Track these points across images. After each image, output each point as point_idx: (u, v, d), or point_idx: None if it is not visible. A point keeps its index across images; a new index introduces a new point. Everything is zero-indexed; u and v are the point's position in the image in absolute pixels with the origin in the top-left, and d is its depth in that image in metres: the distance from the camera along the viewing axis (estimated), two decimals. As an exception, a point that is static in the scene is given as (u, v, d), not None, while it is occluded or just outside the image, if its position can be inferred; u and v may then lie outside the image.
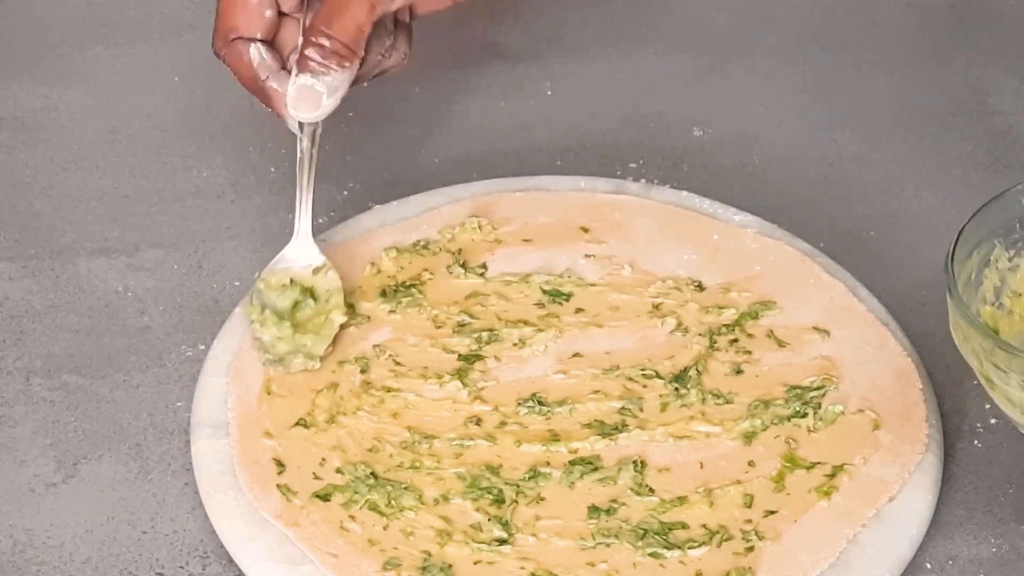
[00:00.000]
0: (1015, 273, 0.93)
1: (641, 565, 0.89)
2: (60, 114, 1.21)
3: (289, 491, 0.93)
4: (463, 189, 1.12)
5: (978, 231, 0.91)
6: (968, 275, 0.91)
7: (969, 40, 1.28)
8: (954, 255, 0.90)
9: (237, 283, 1.07)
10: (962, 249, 0.90)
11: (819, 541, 0.90)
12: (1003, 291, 0.93)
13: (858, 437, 0.95)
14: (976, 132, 1.19)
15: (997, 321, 0.92)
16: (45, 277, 1.08)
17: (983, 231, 0.92)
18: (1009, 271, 0.93)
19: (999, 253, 0.93)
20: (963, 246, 0.90)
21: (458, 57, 1.27)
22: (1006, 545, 0.93)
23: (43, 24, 1.30)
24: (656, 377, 0.99)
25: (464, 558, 0.89)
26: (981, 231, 0.92)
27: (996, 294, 0.93)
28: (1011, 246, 0.93)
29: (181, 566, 0.92)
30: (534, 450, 0.95)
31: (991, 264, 0.93)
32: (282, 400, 0.98)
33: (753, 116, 1.21)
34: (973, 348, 0.87)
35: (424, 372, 0.99)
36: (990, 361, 0.86)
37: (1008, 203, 0.93)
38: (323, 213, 1.13)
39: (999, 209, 0.93)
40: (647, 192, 1.12)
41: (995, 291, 0.93)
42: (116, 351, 1.03)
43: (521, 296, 1.04)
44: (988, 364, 0.86)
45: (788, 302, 1.03)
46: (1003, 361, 0.85)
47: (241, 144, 1.19)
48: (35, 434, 0.99)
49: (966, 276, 0.91)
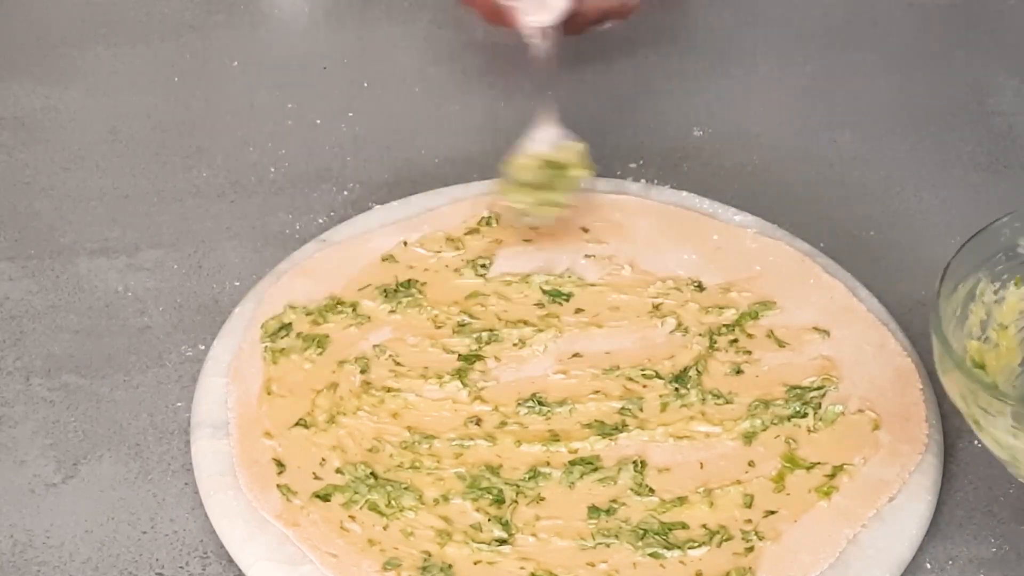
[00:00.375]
0: (1000, 306, 0.93)
1: (641, 565, 0.89)
2: (60, 114, 1.21)
3: (289, 491, 0.93)
4: (463, 189, 1.12)
5: (963, 265, 0.90)
6: (954, 310, 0.90)
7: (969, 40, 1.28)
8: (940, 292, 0.88)
9: (237, 283, 1.08)
10: (947, 285, 0.89)
11: (819, 541, 0.90)
12: (989, 324, 0.92)
13: (858, 437, 0.95)
14: (976, 132, 1.19)
15: (983, 356, 0.91)
16: (45, 277, 1.08)
17: (968, 265, 0.91)
18: (995, 304, 0.92)
19: (984, 287, 0.92)
20: (948, 281, 0.89)
21: (458, 57, 1.27)
22: (1006, 545, 0.93)
23: (43, 24, 1.30)
24: (656, 377, 0.99)
25: (464, 558, 0.89)
26: (966, 265, 0.91)
27: (982, 328, 0.92)
28: (996, 278, 0.92)
29: (181, 566, 0.92)
30: (534, 450, 0.95)
31: (976, 298, 0.92)
32: (282, 400, 0.98)
33: (753, 116, 1.21)
34: (960, 391, 0.86)
35: (424, 372, 0.99)
36: (976, 404, 0.85)
37: (992, 236, 0.92)
38: (323, 213, 1.13)
39: (984, 243, 0.91)
40: (647, 192, 1.12)
41: (981, 325, 0.92)
42: (116, 351, 1.03)
43: (521, 296, 1.04)
44: (975, 407, 0.85)
45: (788, 302, 1.03)
46: (987, 404, 0.84)
47: (241, 144, 1.19)
48: (35, 434, 0.99)
49: (951, 311, 0.89)
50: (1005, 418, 0.84)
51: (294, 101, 1.23)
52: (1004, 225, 0.92)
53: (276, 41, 1.30)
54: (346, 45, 1.29)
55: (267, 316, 1.02)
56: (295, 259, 1.07)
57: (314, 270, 1.05)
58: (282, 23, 1.32)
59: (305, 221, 1.12)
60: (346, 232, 1.08)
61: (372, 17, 1.32)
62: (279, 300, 1.03)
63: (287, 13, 1.33)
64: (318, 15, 1.32)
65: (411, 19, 1.31)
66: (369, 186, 1.15)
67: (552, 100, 1.07)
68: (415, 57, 1.28)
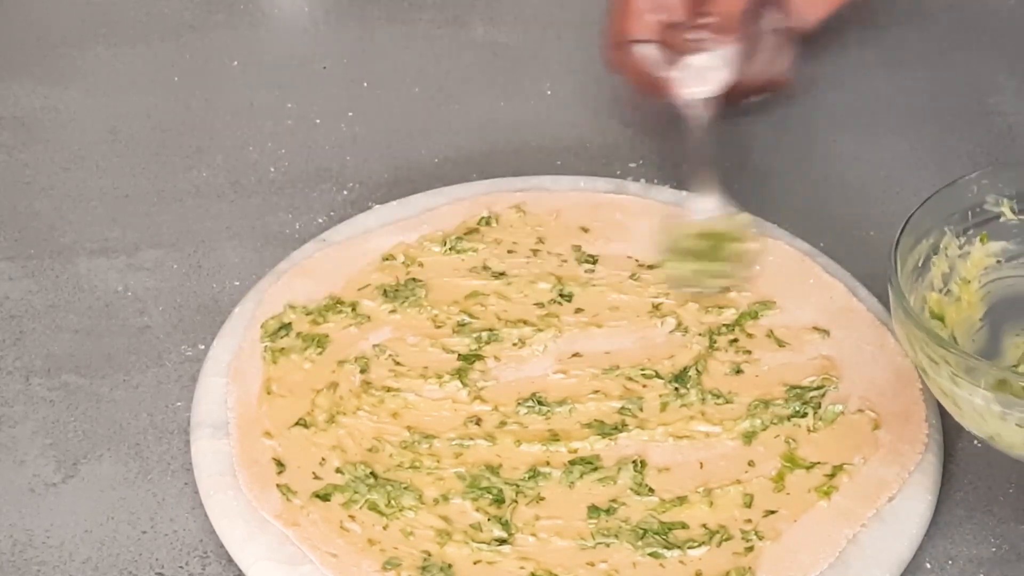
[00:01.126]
0: (965, 260, 0.93)
1: (641, 565, 0.89)
2: (60, 114, 1.21)
3: (289, 491, 0.93)
4: (463, 189, 1.12)
5: (927, 219, 0.91)
6: (916, 262, 0.91)
7: (969, 40, 1.28)
8: (899, 243, 0.90)
9: (237, 283, 1.08)
10: (909, 236, 0.90)
11: (819, 541, 0.90)
12: (952, 278, 0.93)
13: (858, 437, 0.95)
14: (976, 132, 1.19)
15: (943, 308, 0.93)
16: (45, 277, 1.08)
17: (933, 219, 0.92)
18: (959, 258, 0.93)
19: (949, 240, 0.93)
20: (910, 233, 0.90)
21: (458, 57, 1.27)
22: (1006, 545, 0.93)
23: (43, 24, 1.30)
24: (656, 377, 0.99)
25: (464, 558, 0.89)
26: (931, 219, 0.92)
27: (944, 281, 0.93)
28: (962, 234, 0.93)
29: (181, 566, 0.92)
30: (534, 450, 0.95)
31: (940, 251, 0.93)
32: (282, 400, 0.98)
33: (753, 116, 1.21)
34: (908, 338, 0.87)
35: (424, 372, 0.99)
36: (923, 352, 0.86)
37: (959, 191, 0.93)
38: (323, 213, 1.13)
39: (950, 197, 0.93)
40: (647, 192, 1.12)
41: (943, 278, 0.93)
42: (116, 351, 1.03)
43: (521, 296, 1.04)
44: (921, 354, 0.87)
45: (788, 302, 1.03)
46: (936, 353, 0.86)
47: (241, 144, 1.19)
48: (35, 434, 0.99)
49: (913, 263, 0.91)
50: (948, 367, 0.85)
51: (294, 101, 1.23)
52: (972, 181, 0.93)
53: (276, 41, 1.30)
54: (346, 45, 1.29)
55: (267, 316, 1.02)
56: (295, 259, 1.07)
57: (314, 270, 1.05)
58: (282, 23, 1.32)
59: (305, 221, 1.12)
60: (346, 232, 1.08)
61: (372, 17, 1.32)
62: (279, 300, 1.03)
63: (287, 13, 1.33)
64: (318, 15, 1.32)
65: (411, 19, 1.31)
66: (369, 186, 1.15)
67: (712, 169, 1.05)
68: (415, 57, 1.28)
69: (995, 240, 0.94)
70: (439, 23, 1.31)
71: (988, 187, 0.93)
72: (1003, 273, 0.95)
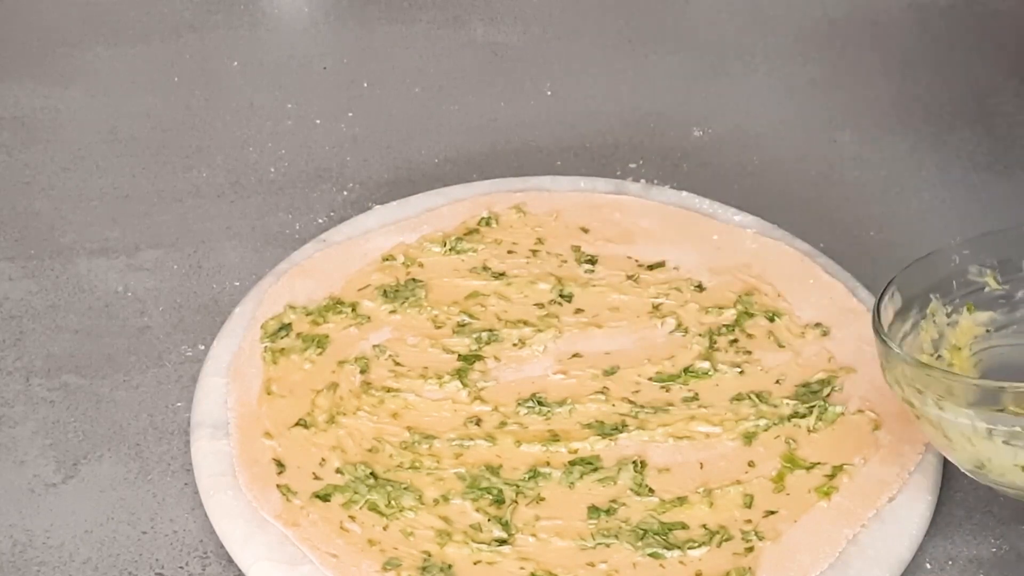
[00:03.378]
0: (954, 328, 0.94)
1: (641, 565, 0.89)
2: (60, 114, 1.21)
3: (289, 491, 0.93)
4: (463, 189, 1.12)
5: (913, 283, 0.93)
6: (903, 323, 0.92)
7: (969, 40, 1.28)
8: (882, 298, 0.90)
9: (237, 283, 1.08)
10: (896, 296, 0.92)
11: (819, 541, 0.90)
12: (941, 344, 0.94)
13: (858, 437, 0.95)
14: (976, 132, 1.19)
15: None
16: (45, 277, 1.08)
17: (919, 285, 0.93)
18: (948, 326, 0.94)
19: (936, 307, 0.94)
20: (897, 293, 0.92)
21: (458, 57, 1.27)
22: (1006, 545, 0.93)
23: (43, 24, 1.30)
24: (656, 377, 0.99)
25: (464, 558, 0.89)
26: (916, 284, 0.93)
27: (935, 347, 0.93)
28: (949, 303, 0.94)
29: (181, 566, 0.92)
30: (534, 450, 0.95)
31: (928, 317, 0.93)
32: (282, 400, 0.98)
33: (753, 116, 1.21)
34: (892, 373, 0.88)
35: (424, 372, 0.99)
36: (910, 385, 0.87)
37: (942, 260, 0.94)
38: (323, 213, 1.13)
39: (934, 265, 0.94)
40: (647, 192, 1.12)
41: (933, 344, 0.94)
42: (116, 351, 1.03)
43: (521, 296, 1.04)
44: (908, 388, 0.87)
45: (788, 302, 1.03)
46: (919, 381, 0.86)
47: (241, 144, 1.19)
48: (35, 434, 0.99)
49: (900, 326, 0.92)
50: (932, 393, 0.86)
51: (294, 101, 1.23)
52: (952, 251, 0.94)
53: (276, 41, 1.31)
54: (346, 45, 1.29)
55: (267, 316, 1.02)
56: (295, 259, 1.07)
57: (314, 270, 1.05)
58: (282, 23, 1.32)
59: (305, 221, 1.12)
60: (346, 232, 1.09)
61: (372, 17, 1.32)
62: (279, 300, 1.03)
63: (287, 13, 1.33)
64: (318, 15, 1.33)
65: (411, 19, 1.31)
66: (368, 186, 1.15)
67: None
68: (415, 57, 1.28)
69: (982, 310, 0.95)
70: (439, 23, 1.31)
71: (970, 257, 0.94)
72: (992, 342, 0.95)
